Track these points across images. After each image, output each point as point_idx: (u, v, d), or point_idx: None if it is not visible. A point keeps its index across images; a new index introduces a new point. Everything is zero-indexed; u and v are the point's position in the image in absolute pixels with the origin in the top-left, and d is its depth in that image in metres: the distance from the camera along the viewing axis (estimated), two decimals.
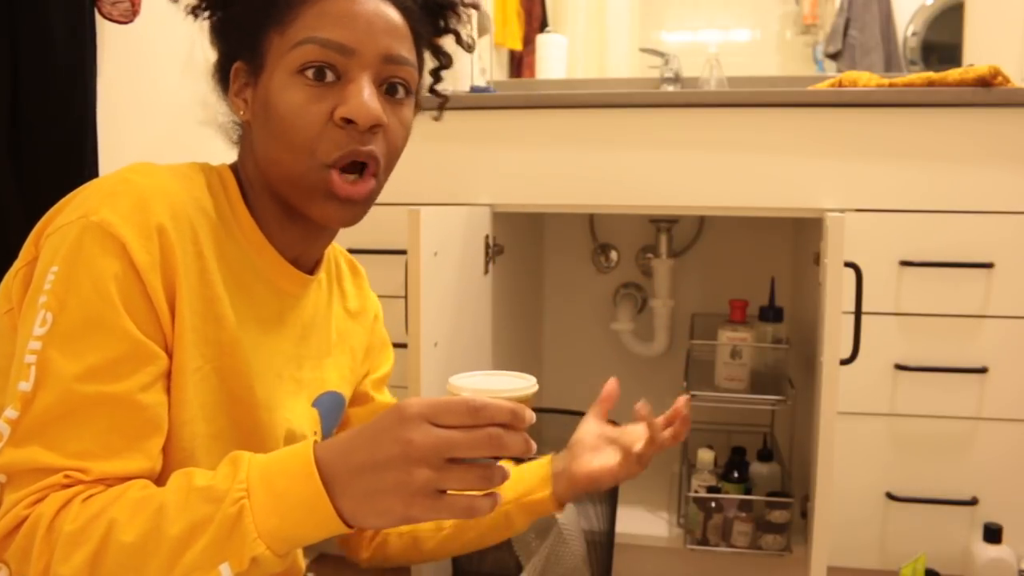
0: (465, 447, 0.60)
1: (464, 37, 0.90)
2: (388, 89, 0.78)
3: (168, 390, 0.72)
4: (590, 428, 1.01)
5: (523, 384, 0.68)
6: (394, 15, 0.78)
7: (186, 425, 0.73)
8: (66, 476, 0.65)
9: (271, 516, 0.61)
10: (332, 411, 0.93)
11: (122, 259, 0.68)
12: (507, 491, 0.95)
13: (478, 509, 0.62)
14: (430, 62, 0.89)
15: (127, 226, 0.68)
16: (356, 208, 0.79)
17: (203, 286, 0.73)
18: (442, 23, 0.87)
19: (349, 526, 0.63)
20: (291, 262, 0.83)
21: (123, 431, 0.68)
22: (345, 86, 0.75)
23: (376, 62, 0.76)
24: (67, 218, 0.70)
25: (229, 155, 0.87)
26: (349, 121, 0.74)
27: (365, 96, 0.75)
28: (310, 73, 0.74)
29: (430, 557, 1.00)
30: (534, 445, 0.63)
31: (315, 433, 0.89)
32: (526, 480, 0.98)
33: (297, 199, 0.78)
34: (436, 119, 0.94)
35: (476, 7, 0.92)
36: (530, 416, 0.63)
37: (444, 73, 0.91)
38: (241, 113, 0.80)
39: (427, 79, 0.90)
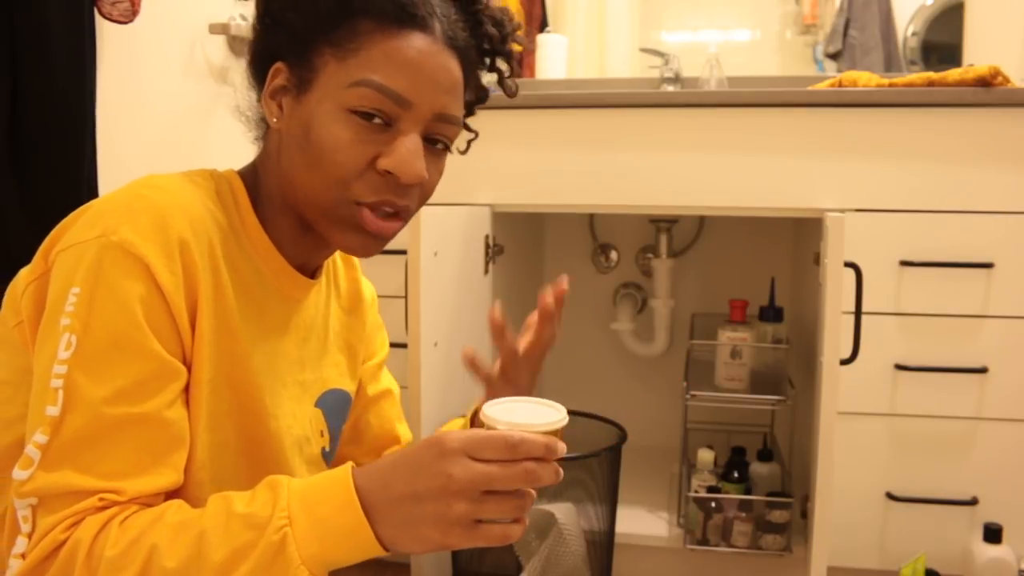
0: (502, 481, 0.62)
1: (508, 83, 0.88)
2: (431, 140, 0.78)
3: (186, 403, 0.72)
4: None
5: (557, 416, 0.69)
6: (456, 69, 0.77)
7: (199, 436, 0.73)
8: (100, 499, 0.65)
9: (313, 543, 0.63)
10: (337, 409, 0.93)
11: (146, 280, 0.67)
12: None
13: (511, 536, 0.64)
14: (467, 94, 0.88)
15: (149, 245, 0.68)
16: (380, 244, 0.79)
17: (218, 299, 0.73)
18: (489, 62, 0.86)
19: (387, 550, 0.64)
20: (297, 267, 0.83)
21: (152, 449, 0.68)
22: (394, 136, 0.74)
23: (428, 118, 0.75)
24: (82, 235, 0.69)
25: (229, 156, 0.87)
26: (390, 173, 0.74)
27: (412, 153, 0.74)
28: (362, 115, 0.73)
29: None
30: (562, 473, 0.64)
31: (321, 434, 0.89)
32: None
33: (321, 225, 0.77)
34: (462, 153, 0.92)
35: (524, 45, 0.90)
36: (561, 449, 0.64)
37: None
38: (274, 120, 0.77)
39: None
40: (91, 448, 0.65)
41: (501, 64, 0.86)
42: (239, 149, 0.88)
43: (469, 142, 0.94)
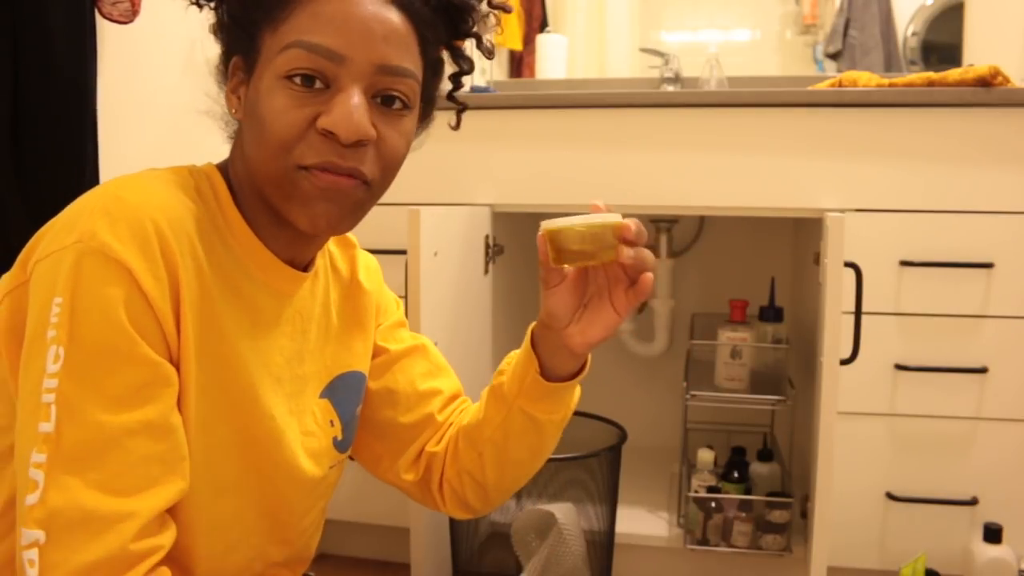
0: None
1: (485, 42, 0.84)
2: (384, 100, 0.74)
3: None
4: (562, 302, 0.91)
5: (612, 216, 0.78)
6: (395, 19, 0.73)
7: (190, 440, 0.71)
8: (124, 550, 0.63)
9: None
10: (349, 393, 0.91)
11: (129, 285, 0.65)
12: (509, 391, 0.90)
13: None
14: (450, 66, 0.85)
15: (129, 250, 0.66)
16: (343, 210, 0.75)
17: (203, 301, 0.72)
18: (460, 26, 0.81)
19: None
20: (287, 262, 0.81)
21: (160, 457, 0.67)
22: (333, 95, 0.71)
23: (370, 72, 0.72)
24: (60, 242, 0.66)
25: (227, 153, 0.87)
26: (331, 133, 0.71)
27: (351, 108, 0.70)
28: (297, 79, 0.71)
29: (495, 488, 0.95)
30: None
31: (331, 423, 0.88)
32: (517, 371, 0.91)
33: (277, 202, 0.75)
34: (453, 128, 0.89)
35: (507, 10, 0.87)
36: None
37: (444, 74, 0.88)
38: (234, 111, 0.78)
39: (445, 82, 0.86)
40: (97, 461, 0.63)
41: (473, 27, 0.82)
42: None
43: (459, 114, 0.90)
